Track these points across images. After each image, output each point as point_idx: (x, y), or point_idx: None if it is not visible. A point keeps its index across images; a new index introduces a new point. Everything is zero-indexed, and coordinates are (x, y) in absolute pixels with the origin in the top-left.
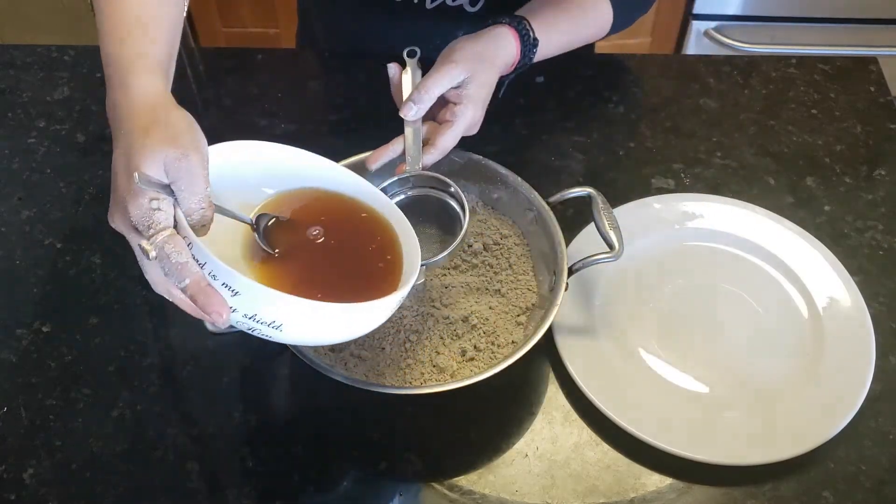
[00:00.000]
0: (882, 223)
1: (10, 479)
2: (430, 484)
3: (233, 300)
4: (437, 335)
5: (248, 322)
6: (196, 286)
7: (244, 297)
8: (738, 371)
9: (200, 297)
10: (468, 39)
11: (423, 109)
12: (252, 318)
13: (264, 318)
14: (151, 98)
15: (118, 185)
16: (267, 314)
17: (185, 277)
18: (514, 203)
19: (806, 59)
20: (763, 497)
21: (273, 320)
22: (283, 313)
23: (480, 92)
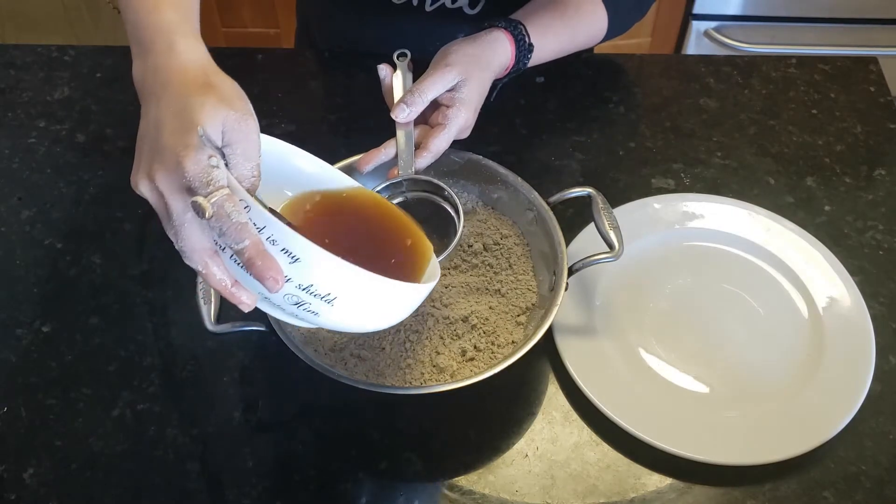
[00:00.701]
0: (882, 223)
1: (10, 479)
2: (430, 484)
3: (290, 268)
4: (437, 335)
5: (299, 295)
6: (255, 248)
7: (304, 265)
8: (738, 371)
9: (259, 260)
10: (463, 42)
11: (416, 112)
12: (306, 290)
13: (319, 290)
14: (201, 61)
15: (164, 144)
16: (324, 284)
17: (245, 238)
18: (514, 203)
19: (806, 59)
20: (763, 497)
21: (328, 292)
22: (341, 284)
23: (473, 95)
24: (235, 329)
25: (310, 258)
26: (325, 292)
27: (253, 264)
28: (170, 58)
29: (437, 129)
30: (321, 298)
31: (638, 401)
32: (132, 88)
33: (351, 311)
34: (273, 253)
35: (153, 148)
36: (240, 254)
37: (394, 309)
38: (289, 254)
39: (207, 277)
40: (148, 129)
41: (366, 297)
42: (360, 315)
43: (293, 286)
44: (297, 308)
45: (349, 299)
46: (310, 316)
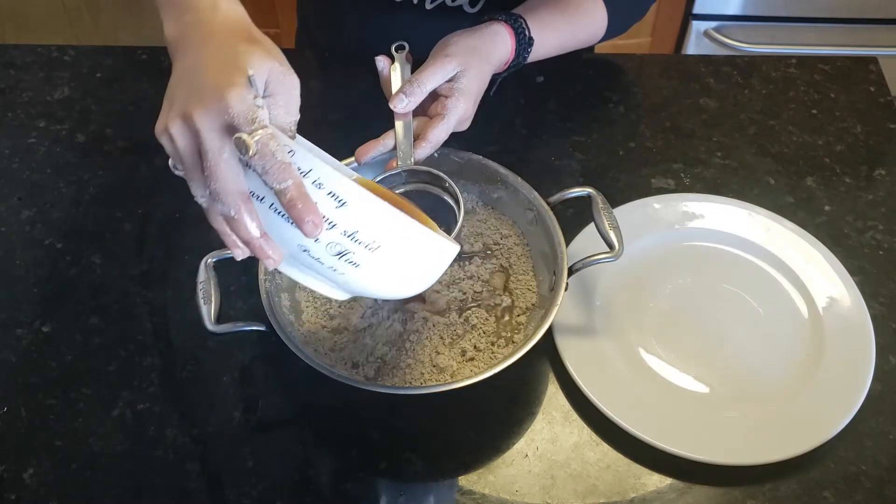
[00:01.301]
0: (882, 223)
1: (10, 479)
2: (430, 484)
3: (337, 212)
4: (437, 335)
5: (343, 243)
6: (297, 189)
7: (351, 209)
8: (738, 371)
9: (300, 202)
10: (463, 34)
11: (415, 103)
12: (351, 237)
13: (364, 237)
14: (245, 20)
15: (207, 84)
16: (370, 231)
17: (288, 178)
18: (514, 203)
19: (806, 59)
20: (763, 497)
21: (373, 240)
22: (386, 231)
23: (473, 86)
24: (235, 329)
25: (357, 202)
26: (370, 239)
27: (293, 206)
28: (214, 14)
29: (436, 120)
30: (365, 246)
31: (638, 401)
32: (132, 88)
33: (390, 264)
34: (319, 197)
35: (191, 91)
36: (281, 194)
37: (427, 267)
38: (335, 197)
39: (238, 225)
40: (184, 75)
41: (406, 249)
42: (396, 270)
43: (338, 233)
44: (339, 259)
45: (391, 250)
46: (349, 269)
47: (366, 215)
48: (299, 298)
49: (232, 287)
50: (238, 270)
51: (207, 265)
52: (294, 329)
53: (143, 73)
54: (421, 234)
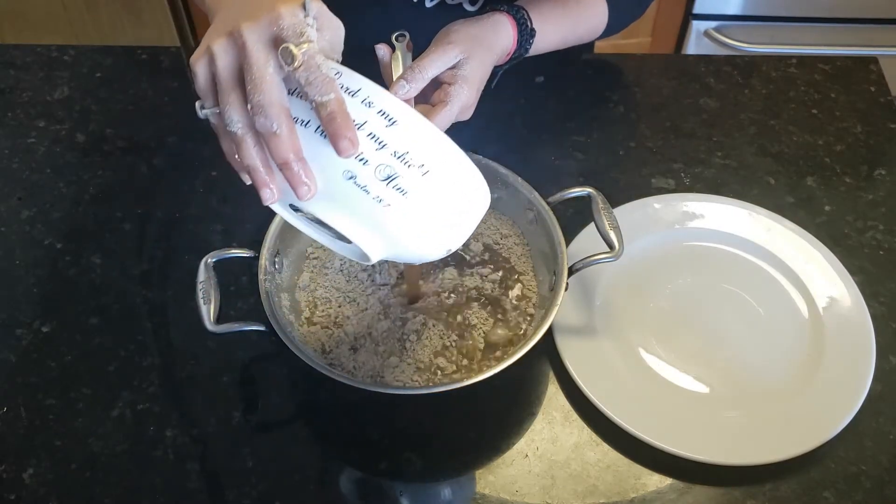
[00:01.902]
0: (882, 223)
1: (10, 479)
2: (430, 484)
3: (387, 132)
4: (437, 335)
5: (393, 165)
6: (339, 104)
7: (401, 129)
8: (738, 371)
9: (340, 117)
10: (466, 22)
11: (416, 89)
12: (401, 158)
13: (415, 158)
14: None
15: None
16: (420, 153)
17: (331, 92)
18: (514, 203)
19: (806, 59)
20: (763, 497)
21: (423, 163)
22: (436, 155)
23: (476, 74)
24: (235, 329)
25: (408, 121)
26: (420, 161)
27: (332, 120)
28: None
29: (438, 107)
30: (415, 168)
31: (638, 401)
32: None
33: (436, 195)
34: (369, 116)
35: (242, 12)
36: (322, 108)
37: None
38: (386, 116)
39: (279, 142)
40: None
41: (453, 178)
42: (441, 204)
43: (388, 153)
44: (386, 186)
45: (440, 176)
46: (396, 198)
47: (416, 136)
48: (299, 298)
49: (232, 287)
50: (238, 270)
51: (207, 265)
52: (294, 329)
53: (143, 73)
54: (468, 163)
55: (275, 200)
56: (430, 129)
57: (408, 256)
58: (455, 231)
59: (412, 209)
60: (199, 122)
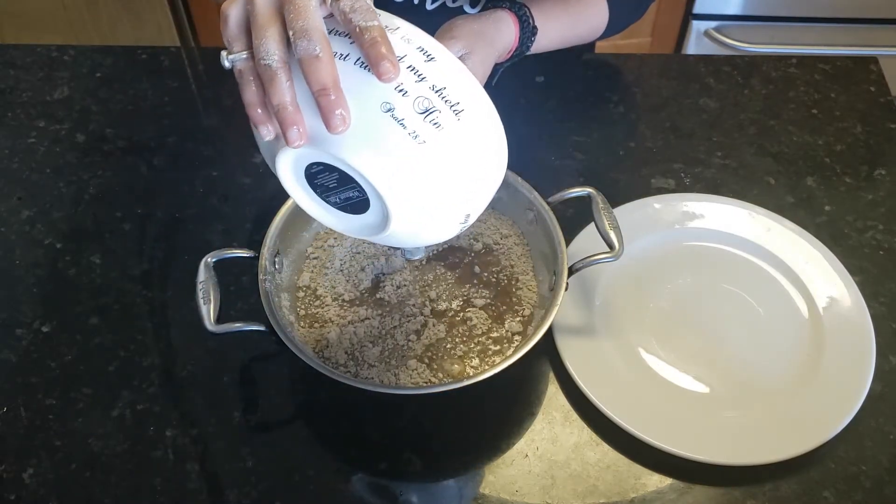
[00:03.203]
0: (882, 223)
1: (10, 479)
2: (430, 484)
3: (426, 66)
4: (437, 335)
5: (431, 99)
6: (381, 31)
7: (439, 65)
8: (738, 371)
9: (383, 41)
10: (468, 18)
11: None
12: (439, 93)
13: (452, 95)
14: None
15: None
16: (456, 90)
17: (374, 19)
18: (514, 203)
19: (806, 59)
20: (763, 497)
21: (458, 101)
22: (470, 95)
23: (478, 69)
24: (235, 329)
25: (445, 59)
26: (456, 98)
27: (374, 44)
28: None
29: None
30: (451, 106)
31: (638, 401)
32: (132, 89)
33: (469, 136)
34: (408, 50)
35: None
36: (366, 31)
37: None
38: (425, 52)
39: (318, 65)
40: None
41: (484, 121)
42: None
43: (427, 86)
44: (423, 119)
45: (473, 116)
46: (431, 133)
47: (453, 73)
48: (299, 298)
49: (232, 287)
50: (238, 270)
51: (207, 265)
52: (294, 329)
53: (143, 73)
54: (496, 116)
55: (302, 142)
56: (466, 71)
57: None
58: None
59: (446, 147)
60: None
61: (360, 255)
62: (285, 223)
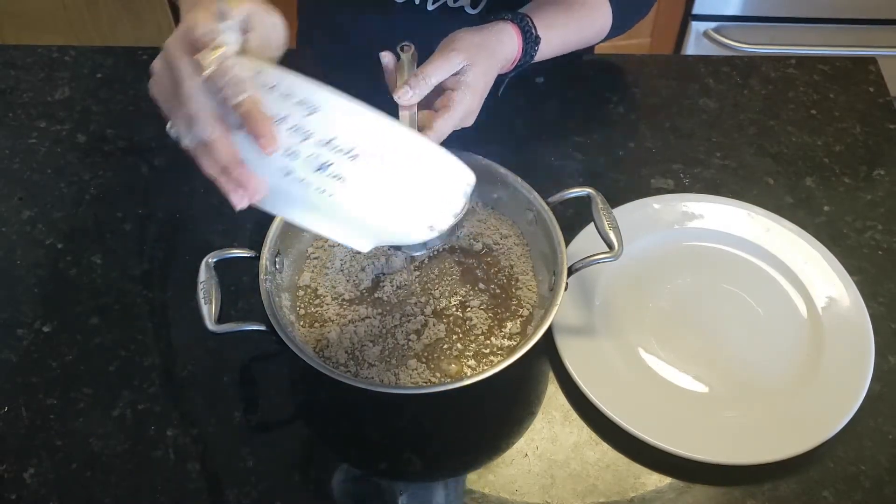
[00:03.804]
0: (881, 223)
1: (10, 479)
2: (430, 484)
3: (308, 120)
4: (437, 335)
5: (321, 154)
6: (251, 102)
7: (322, 115)
8: (737, 371)
9: (254, 113)
10: (470, 30)
11: (419, 95)
12: (328, 145)
13: (343, 143)
14: None
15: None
16: (348, 136)
17: (242, 92)
18: (513, 203)
19: (805, 59)
20: (763, 497)
21: (352, 147)
22: (366, 136)
23: (479, 81)
24: (235, 329)
25: (329, 106)
26: (349, 146)
27: (248, 118)
28: None
29: (442, 112)
30: (346, 154)
31: (637, 400)
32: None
33: (379, 178)
34: (289, 108)
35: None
36: (238, 108)
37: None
38: (306, 104)
39: (212, 148)
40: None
41: (394, 158)
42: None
43: (314, 142)
44: (322, 175)
45: (375, 158)
46: (335, 186)
47: (341, 119)
48: (299, 298)
49: (232, 287)
50: (238, 270)
51: (208, 265)
52: (294, 329)
53: (143, 74)
54: (409, 140)
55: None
56: (355, 108)
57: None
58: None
59: (356, 194)
60: None
61: (360, 255)
62: (286, 223)
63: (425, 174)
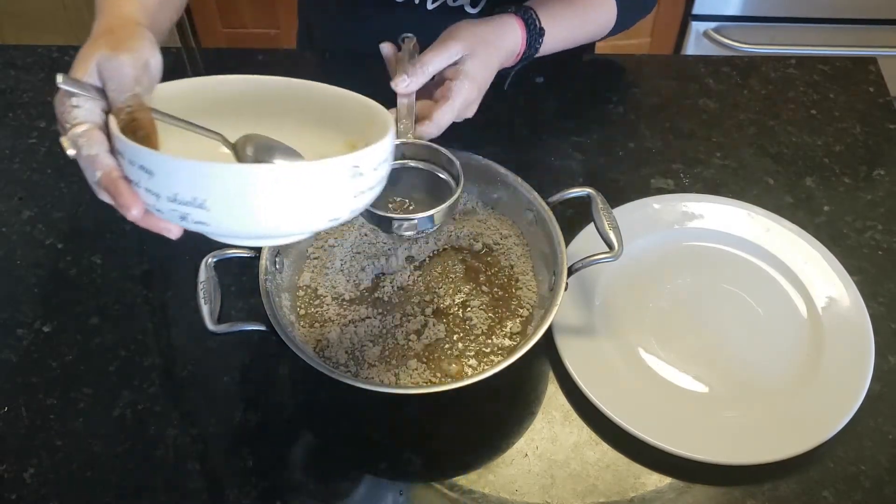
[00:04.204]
0: (881, 223)
1: (10, 479)
2: (430, 484)
3: (152, 183)
4: (437, 335)
5: (175, 208)
6: (107, 178)
7: (160, 175)
8: (737, 371)
9: (111, 188)
10: (472, 22)
11: (417, 83)
12: (175, 200)
13: (185, 197)
14: (117, 20)
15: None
16: (186, 190)
17: (97, 170)
18: (513, 203)
19: (805, 59)
20: (763, 497)
21: (194, 197)
22: (202, 185)
23: (478, 71)
24: (235, 329)
25: (160, 168)
26: (190, 197)
27: (110, 190)
28: (99, 19)
29: (441, 102)
30: (194, 206)
31: (638, 401)
32: None
33: (236, 211)
34: (136, 174)
35: None
36: (99, 185)
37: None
38: (145, 169)
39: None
40: None
41: (237, 193)
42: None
43: (166, 199)
44: (188, 223)
45: (220, 199)
46: (204, 228)
47: (173, 176)
48: (299, 298)
49: (232, 287)
50: (239, 270)
51: (208, 265)
52: (294, 329)
53: None
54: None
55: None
56: (183, 164)
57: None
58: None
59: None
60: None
61: (360, 255)
62: None
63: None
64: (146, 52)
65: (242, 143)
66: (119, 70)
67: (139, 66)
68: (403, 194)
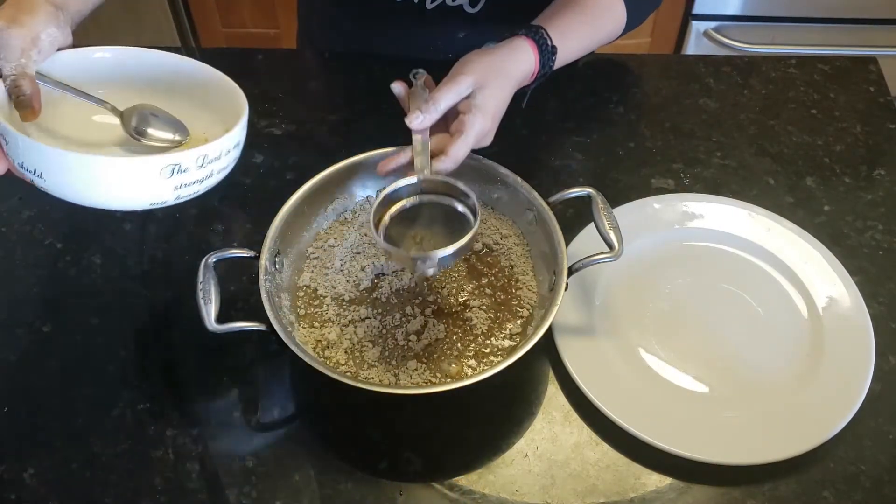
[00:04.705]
0: (882, 223)
1: (10, 479)
2: (430, 484)
3: (7, 148)
4: (437, 335)
5: (24, 172)
6: None
7: (11, 145)
8: (737, 371)
9: None
10: (482, 52)
11: (430, 120)
12: (23, 167)
13: (29, 166)
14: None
15: None
16: (28, 161)
17: None
18: (514, 203)
19: (806, 59)
20: (763, 497)
21: (34, 168)
22: (37, 160)
23: (490, 102)
24: (235, 329)
25: (9, 138)
26: (31, 168)
27: None
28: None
29: (455, 136)
30: (35, 175)
31: (638, 401)
32: None
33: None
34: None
35: None
36: None
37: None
38: (3, 136)
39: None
40: None
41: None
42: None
43: (17, 164)
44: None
45: (52, 174)
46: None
47: (19, 149)
48: (299, 298)
49: (232, 287)
50: (238, 270)
51: (207, 265)
52: (294, 329)
53: None
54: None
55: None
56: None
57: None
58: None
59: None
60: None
61: (360, 255)
62: (286, 223)
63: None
64: (38, 26)
65: (129, 112)
66: (7, 42)
67: (28, 40)
68: (423, 228)
